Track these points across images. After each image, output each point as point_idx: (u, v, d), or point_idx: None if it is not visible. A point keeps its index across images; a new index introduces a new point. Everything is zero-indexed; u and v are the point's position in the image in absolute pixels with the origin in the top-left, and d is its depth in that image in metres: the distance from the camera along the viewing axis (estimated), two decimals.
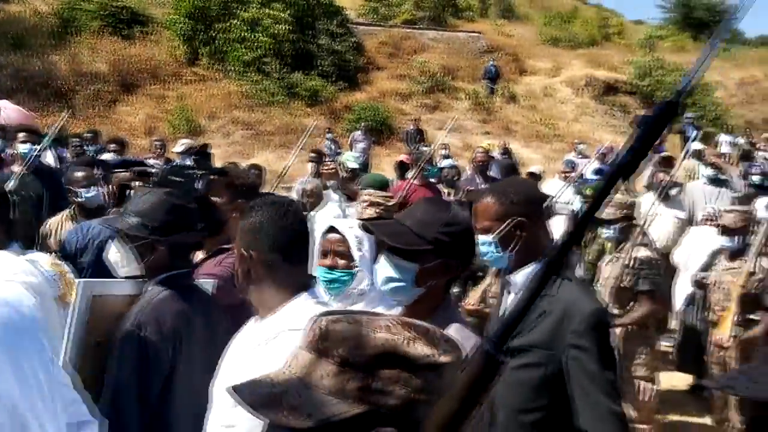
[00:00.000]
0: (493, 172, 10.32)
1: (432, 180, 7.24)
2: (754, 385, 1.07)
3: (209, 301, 2.39)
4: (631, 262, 4.51)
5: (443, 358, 0.99)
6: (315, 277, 2.23)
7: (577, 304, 2.03)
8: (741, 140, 18.09)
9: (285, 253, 1.84)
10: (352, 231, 2.48)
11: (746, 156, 10.30)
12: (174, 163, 5.79)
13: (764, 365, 1.10)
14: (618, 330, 4.52)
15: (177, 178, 3.14)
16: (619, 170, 0.78)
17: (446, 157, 12.76)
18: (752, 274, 4.36)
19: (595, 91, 23.52)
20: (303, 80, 19.79)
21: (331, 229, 2.52)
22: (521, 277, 2.22)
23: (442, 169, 9.21)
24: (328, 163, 6.77)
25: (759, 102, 24.17)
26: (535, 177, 8.79)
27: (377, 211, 3.63)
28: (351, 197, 5.88)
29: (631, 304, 4.54)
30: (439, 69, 22.45)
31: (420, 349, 0.99)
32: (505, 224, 2.17)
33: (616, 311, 4.53)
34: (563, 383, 2.05)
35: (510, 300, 2.29)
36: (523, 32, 27.22)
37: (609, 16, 31.07)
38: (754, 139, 18.74)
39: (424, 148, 8.95)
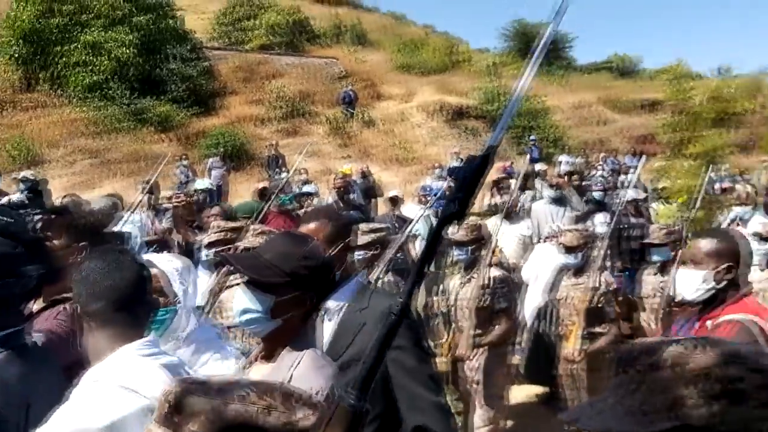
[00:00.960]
0: (354, 196, 10.43)
1: (289, 207, 7.16)
2: (597, 416, 1.08)
3: (51, 359, 2.11)
4: (488, 282, 4.67)
5: (304, 423, 0.95)
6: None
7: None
8: (579, 160, 19.52)
9: (116, 304, 1.77)
10: (170, 264, 2.40)
11: (572, 174, 11.04)
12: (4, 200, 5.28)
13: (610, 396, 1.10)
14: (481, 349, 4.66)
15: (3, 218, 2.80)
16: (446, 219, 0.82)
17: (306, 182, 12.72)
18: (595, 289, 4.64)
19: (447, 115, 24.49)
20: (153, 105, 19.01)
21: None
22: (333, 301, 2.27)
23: (301, 195, 9.15)
24: (179, 194, 6.49)
25: (593, 124, 26.25)
26: (396, 200, 8.94)
27: None
28: (201, 227, 5.67)
29: (492, 322, 4.71)
30: (295, 94, 22.44)
31: (277, 418, 0.94)
32: (337, 246, 2.22)
33: (478, 331, 4.67)
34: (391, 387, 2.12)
35: (327, 327, 2.29)
36: (376, 59, 27.88)
37: (456, 44, 32.52)
38: (590, 158, 20.30)
39: (284, 174, 8.83)
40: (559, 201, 8.22)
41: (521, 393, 6.22)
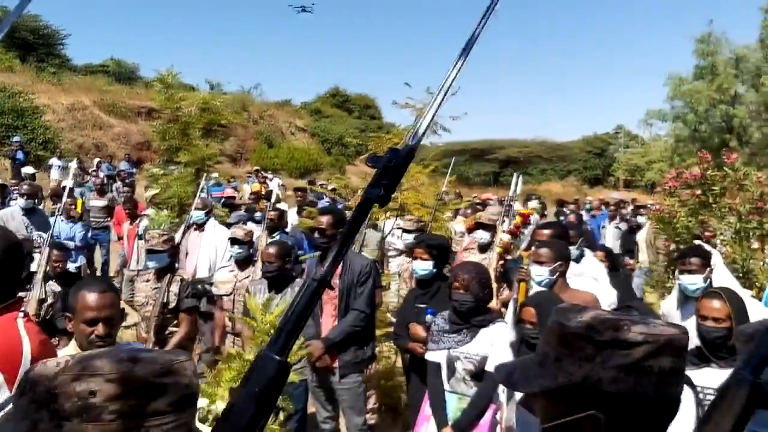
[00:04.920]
0: None
1: None
2: None
3: None
4: None
5: None
6: None
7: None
8: (73, 164, 18.41)
9: None
10: None
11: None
12: None
13: None
14: None
15: None
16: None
17: None
18: (42, 300, 4.32)
19: None
20: None
21: None
22: None
23: None
24: None
25: (88, 128, 25.09)
26: None
27: None
28: None
29: None
30: None
31: None
32: None
33: None
34: None
35: None
36: None
37: None
38: (85, 163, 19.37)
39: None
40: (32, 211, 7.64)
41: None
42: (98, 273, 10.66)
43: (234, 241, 5.89)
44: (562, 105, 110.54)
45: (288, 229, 8.31)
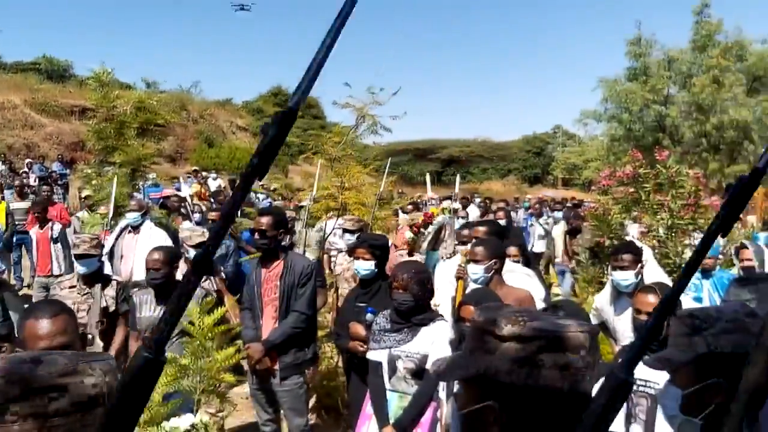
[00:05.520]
0: None
1: None
2: None
3: None
4: None
5: None
6: None
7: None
8: (2, 166, 17.75)
9: None
10: None
11: None
12: None
13: None
14: None
15: None
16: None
17: None
18: None
19: None
20: None
21: None
22: None
23: None
24: None
25: (18, 127, 24.15)
26: None
27: None
28: None
29: None
30: None
31: None
32: None
33: None
34: None
35: None
36: None
37: None
38: (16, 164, 18.69)
39: None
40: None
41: None
42: (30, 276, 10.34)
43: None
44: (503, 105, 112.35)
45: None
